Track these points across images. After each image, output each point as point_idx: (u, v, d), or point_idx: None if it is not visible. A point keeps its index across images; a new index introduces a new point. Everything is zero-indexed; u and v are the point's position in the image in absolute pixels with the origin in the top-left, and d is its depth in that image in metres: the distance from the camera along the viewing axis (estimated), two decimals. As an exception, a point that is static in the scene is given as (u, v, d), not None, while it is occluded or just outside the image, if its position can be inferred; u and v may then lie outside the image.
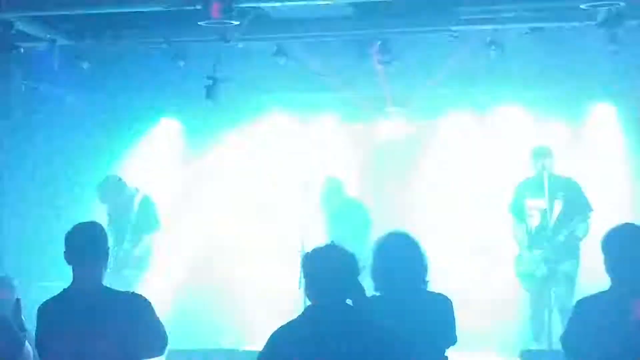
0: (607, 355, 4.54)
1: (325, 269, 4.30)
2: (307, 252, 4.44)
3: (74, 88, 10.47)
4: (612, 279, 4.68)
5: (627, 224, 4.82)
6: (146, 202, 9.57)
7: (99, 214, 9.30)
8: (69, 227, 4.81)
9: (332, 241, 4.55)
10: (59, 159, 10.53)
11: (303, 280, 4.37)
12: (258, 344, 4.53)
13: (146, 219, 9.58)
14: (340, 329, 4.21)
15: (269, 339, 4.33)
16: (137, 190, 9.69)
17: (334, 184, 10.23)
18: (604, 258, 4.72)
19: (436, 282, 5.17)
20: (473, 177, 10.89)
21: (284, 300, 9.62)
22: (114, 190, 9.48)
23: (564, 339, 4.87)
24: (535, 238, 8.75)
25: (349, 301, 4.34)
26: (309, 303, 4.43)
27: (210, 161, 11.49)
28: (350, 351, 4.15)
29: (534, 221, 8.77)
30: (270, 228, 11.13)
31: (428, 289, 5.12)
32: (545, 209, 8.55)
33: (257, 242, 11.15)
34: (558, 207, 8.60)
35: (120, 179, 9.65)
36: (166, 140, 11.39)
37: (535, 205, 8.73)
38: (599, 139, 10.38)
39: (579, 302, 4.87)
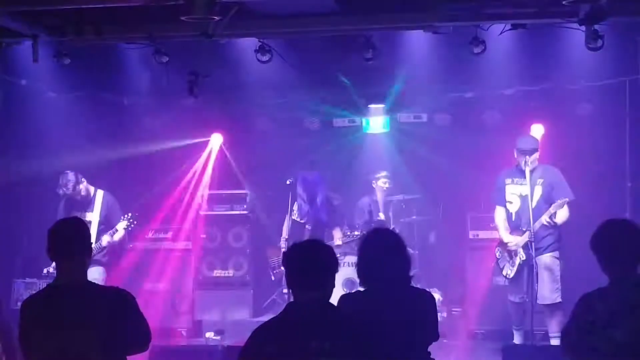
0: (610, 351, 4.55)
1: (306, 265, 4.32)
2: (288, 249, 4.46)
3: (55, 84, 10.42)
4: (611, 276, 4.70)
5: (612, 220, 4.84)
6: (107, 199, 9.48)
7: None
8: (50, 223, 4.80)
9: (311, 237, 4.60)
10: (39, 154, 10.48)
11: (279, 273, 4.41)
12: (240, 340, 4.52)
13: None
14: (321, 325, 4.23)
15: (251, 336, 4.34)
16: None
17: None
18: (597, 257, 4.75)
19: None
20: (457, 173, 10.94)
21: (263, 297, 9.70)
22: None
23: (565, 334, 4.87)
24: (515, 224, 8.77)
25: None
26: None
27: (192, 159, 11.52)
28: (331, 347, 4.16)
29: (514, 207, 8.79)
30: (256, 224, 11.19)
31: (411, 285, 5.14)
32: (525, 195, 8.57)
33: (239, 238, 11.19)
34: (538, 193, 8.63)
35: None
36: (149, 138, 11.35)
37: (515, 191, 8.76)
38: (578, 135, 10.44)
39: (582, 298, 4.82)
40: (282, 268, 4.45)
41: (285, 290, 9.47)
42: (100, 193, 9.31)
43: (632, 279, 4.66)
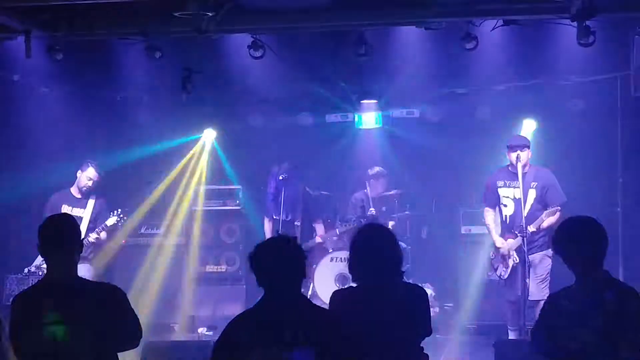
0: (575, 349, 4.56)
1: (274, 260, 4.39)
2: (256, 245, 4.50)
3: (48, 79, 10.40)
4: (577, 274, 4.69)
5: (573, 217, 4.79)
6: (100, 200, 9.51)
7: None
8: (42, 218, 4.81)
9: (277, 232, 4.68)
10: (31, 149, 10.47)
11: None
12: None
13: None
14: (294, 315, 4.31)
15: (225, 328, 4.42)
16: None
17: None
18: (561, 256, 4.72)
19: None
20: (449, 169, 10.96)
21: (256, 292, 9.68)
22: None
23: (533, 333, 4.91)
24: (508, 227, 8.79)
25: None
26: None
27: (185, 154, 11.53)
28: (304, 335, 4.23)
29: (508, 210, 8.80)
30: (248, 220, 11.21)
31: (404, 280, 5.16)
32: (518, 198, 8.59)
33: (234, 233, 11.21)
34: (532, 196, 8.65)
35: None
36: (141, 133, 11.34)
37: (508, 194, 8.78)
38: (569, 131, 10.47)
39: (549, 297, 4.91)
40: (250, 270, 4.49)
41: None
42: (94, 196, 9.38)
43: (595, 277, 4.62)
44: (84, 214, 9.25)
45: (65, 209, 9.14)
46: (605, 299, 4.53)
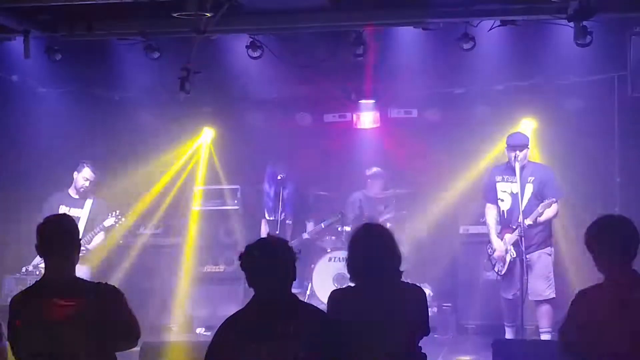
0: (609, 347, 4.55)
1: (263, 261, 4.40)
2: (247, 246, 4.51)
3: (47, 79, 10.41)
4: (607, 272, 4.69)
5: (608, 216, 4.82)
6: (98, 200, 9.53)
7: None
8: (41, 218, 4.82)
9: (267, 233, 4.72)
10: (30, 149, 10.48)
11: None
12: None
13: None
14: (284, 311, 4.35)
15: (218, 329, 4.46)
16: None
17: None
18: (592, 254, 4.72)
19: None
20: (448, 169, 10.98)
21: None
22: None
23: (563, 332, 4.85)
24: (506, 221, 8.81)
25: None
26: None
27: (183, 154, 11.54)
28: (295, 329, 4.27)
29: (505, 205, 8.82)
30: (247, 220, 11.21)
31: (402, 280, 5.17)
32: (516, 193, 8.61)
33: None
34: (529, 191, 8.66)
35: None
36: (140, 133, 11.35)
37: (506, 188, 8.79)
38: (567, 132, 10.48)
39: (579, 294, 4.82)
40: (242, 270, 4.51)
41: None
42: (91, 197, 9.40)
43: (627, 276, 4.64)
44: (82, 214, 9.28)
45: (63, 209, 9.17)
46: (634, 299, 4.55)
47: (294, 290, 4.51)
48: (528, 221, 8.45)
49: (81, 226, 9.07)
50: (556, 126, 10.33)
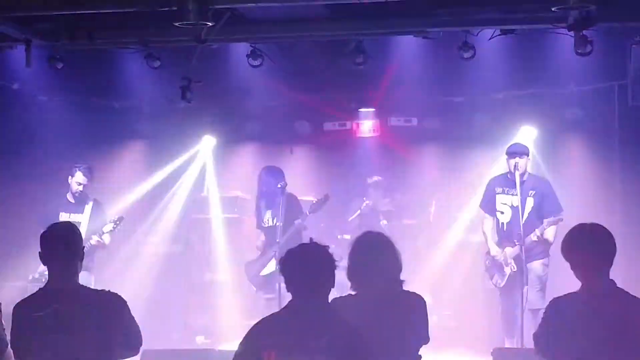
0: (580, 354, 4.56)
1: (302, 267, 4.37)
2: (285, 254, 4.48)
3: (47, 88, 10.43)
4: (582, 281, 4.70)
5: (584, 224, 4.80)
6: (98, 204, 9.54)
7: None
8: (42, 226, 4.83)
9: (310, 239, 4.67)
10: (30, 158, 10.49)
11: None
12: (231, 344, 4.56)
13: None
14: (319, 324, 4.29)
15: (249, 330, 4.40)
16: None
17: None
18: (569, 263, 4.73)
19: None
20: (447, 177, 10.99)
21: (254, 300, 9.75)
22: None
23: (536, 337, 4.91)
24: (506, 234, 8.81)
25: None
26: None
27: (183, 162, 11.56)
28: (327, 345, 4.21)
29: (505, 218, 8.83)
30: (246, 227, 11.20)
31: (402, 288, 5.18)
32: (516, 206, 8.62)
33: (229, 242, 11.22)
34: (529, 205, 8.67)
35: None
36: (140, 142, 11.37)
37: (506, 201, 8.80)
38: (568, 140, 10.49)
39: (552, 302, 4.89)
40: (280, 275, 4.49)
41: (266, 296, 9.40)
42: (91, 201, 9.38)
43: (602, 285, 4.64)
44: (82, 219, 9.27)
45: (63, 216, 9.16)
46: (608, 308, 4.55)
47: None
48: (533, 237, 8.46)
49: (82, 231, 9.03)
50: (556, 135, 10.35)
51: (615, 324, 4.51)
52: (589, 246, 4.67)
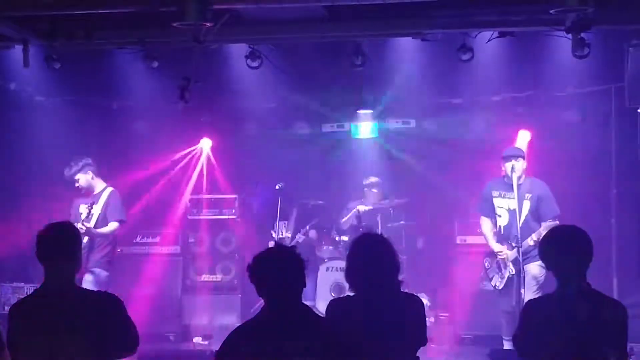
0: (554, 355, 4.61)
1: (272, 270, 4.40)
2: (255, 256, 4.51)
3: (45, 88, 10.42)
4: (558, 282, 4.74)
5: (561, 226, 4.91)
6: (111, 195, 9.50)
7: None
8: (39, 227, 4.81)
9: (274, 242, 4.69)
10: (28, 158, 10.48)
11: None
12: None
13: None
14: (295, 325, 4.31)
15: (227, 338, 4.42)
16: None
17: None
18: (545, 264, 4.80)
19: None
20: (445, 179, 10.99)
21: (251, 301, 9.75)
22: None
23: (515, 338, 4.95)
24: (503, 237, 8.82)
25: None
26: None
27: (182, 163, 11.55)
28: (305, 347, 4.23)
29: (502, 221, 8.84)
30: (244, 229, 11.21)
31: (400, 290, 5.18)
32: (513, 209, 8.63)
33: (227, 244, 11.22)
34: (526, 208, 8.68)
35: None
36: (138, 142, 11.36)
37: (503, 204, 8.81)
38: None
39: (528, 303, 4.97)
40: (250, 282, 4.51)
41: None
42: (108, 190, 9.31)
43: (576, 287, 4.66)
44: (95, 210, 9.16)
45: (82, 208, 9.11)
46: (580, 309, 4.58)
47: None
48: (530, 242, 8.48)
49: (93, 221, 8.96)
50: (553, 137, 10.35)
51: (587, 325, 4.54)
52: (565, 249, 4.70)
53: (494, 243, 8.88)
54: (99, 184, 9.29)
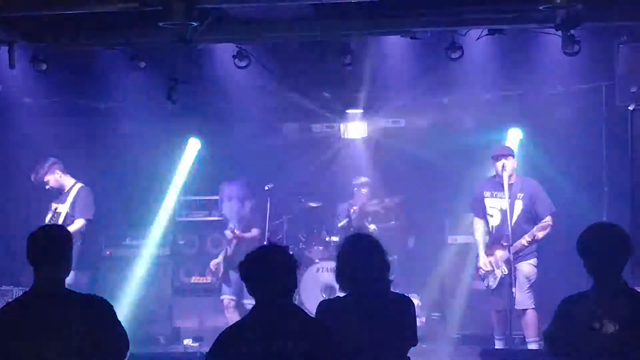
0: (592, 353, 4.56)
1: (263, 270, 4.37)
2: (245, 256, 4.48)
3: (32, 90, 10.36)
4: (594, 280, 4.69)
5: (601, 223, 4.85)
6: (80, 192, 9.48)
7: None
8: (27, 229, 4.76)
9: (268, 240, 4.67)
10: (15, 160, 10.42)
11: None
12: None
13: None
14: (284, 326, 4.29)
15: (217, 339, 4.39)
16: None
17: None
18: (583, 261, 4.71)
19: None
20: (435, 178, 10.97)
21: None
22: None
23: (547, 336, 4.90)
24: (495, 237, 8.80)
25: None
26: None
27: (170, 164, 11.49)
28: (294, 347, 4.21)
29: (494, 221, 8.82)
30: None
31: (390, 290, 5.15)
32: (505, 209, 8.60)
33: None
34: (518, 207, 8.65)
35: None
36: (126, 143, 11.31)
37: (495, 204, 8.79)
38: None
39: (563, 301, 4.85)
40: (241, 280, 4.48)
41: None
42: (77, 187, 9.29)
43: (614, 286, 4.64)
44: (63, 208, 9.22)
45: (52, 207, 9.15)
46: (620, 307, 4.55)
47: None
48: (524, 242, 8.45)
49: (61, 220, 8.98)
50: (544, 136, 10.35)
51: (626, 323, 4.50)
52: (603, 246, 4.66)
53: (482, 254, 8.86)
54: (67, 181, 9.35)
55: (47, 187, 9.27)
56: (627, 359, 4.51)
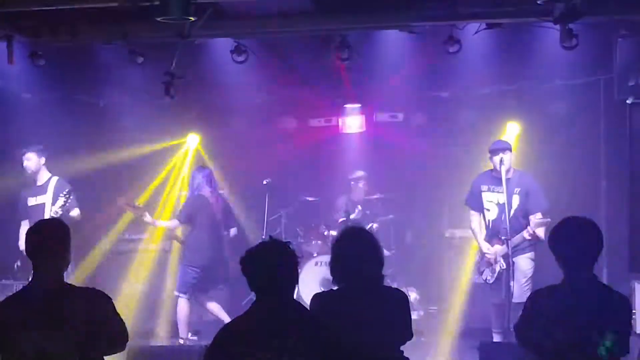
0: (557, 346, 4.59)
1: (264, 265, 4.36)
2: (246, 251, 4.47)
3: (30, 85, 10.35)
4: (565, 273, 4.71)
5: (572, 217, 4.81)
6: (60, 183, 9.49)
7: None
8: (18, 218, 4.77)
9: (269, 236, 4.65)
10: (13, 156, 10.40)
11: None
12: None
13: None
14: (284, 323, 4.28)
15: (217, 335, 4.39)
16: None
17: None
18: (554, 255, 4.75)
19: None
20: (433, 172, 10.98)
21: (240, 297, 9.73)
22: None
23: (517, 328, 4.93)
24: (492, 232, 8.80)
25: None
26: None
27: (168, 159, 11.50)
28: (294, 344, 4.20)
29: (491, 215, 8.82)
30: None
31: (383, 284, 5.16)
32: (502, 204, 8.61)
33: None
34: (516, 202, 8.66)
35: None
36: (125, 139, 11.31)
37: (492, 198, 8.79)
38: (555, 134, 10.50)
39: (534, 293, 4.94)
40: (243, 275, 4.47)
41: None
42: (54, 179, 9.35)
43: (584, 279, 4.66)
44: (46, 199, 9.22)
45: (31, 201, 9.16)
46: (589, 300, 4.57)
47: None
48: (526, 234, 8.45)
49: (47, 210, 9.00)
50: (542, 130, 10.35)
51: (595, 316, 4.53)
52: (574, 240, 4.69)
53: (482, 242, 8.85)
54: (44, 174, 9.37)
55: (24, 163, 9.27)
56: (595, 350, 4.49)
